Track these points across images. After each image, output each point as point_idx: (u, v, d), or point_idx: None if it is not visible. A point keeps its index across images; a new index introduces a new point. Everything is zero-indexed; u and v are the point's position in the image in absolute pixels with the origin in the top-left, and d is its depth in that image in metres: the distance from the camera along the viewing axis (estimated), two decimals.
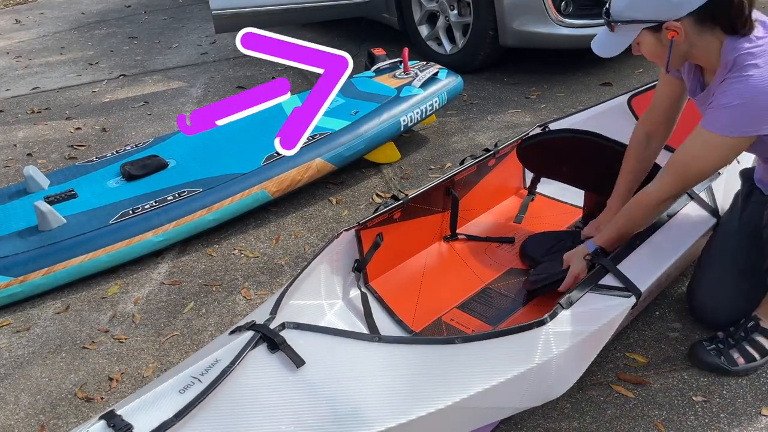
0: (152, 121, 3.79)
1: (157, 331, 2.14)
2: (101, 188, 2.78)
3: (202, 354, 1.39)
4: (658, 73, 3.15)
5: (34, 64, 5.05)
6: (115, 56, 5.05)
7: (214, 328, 2.13)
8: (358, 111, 2.90)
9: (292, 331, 1.34)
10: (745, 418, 1.59)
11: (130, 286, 2.38)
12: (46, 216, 2.46)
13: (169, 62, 4.79)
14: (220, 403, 1.22)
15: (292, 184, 2.65)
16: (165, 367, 1.98)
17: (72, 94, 4.36)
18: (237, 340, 1.31)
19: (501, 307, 1.91)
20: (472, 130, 3.27)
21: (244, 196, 2.56)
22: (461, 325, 1.86)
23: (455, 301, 1.95)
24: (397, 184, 2.86)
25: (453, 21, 3.74)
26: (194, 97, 4.08)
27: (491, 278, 2.04)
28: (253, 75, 4.35)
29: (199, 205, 2.51)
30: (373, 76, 3.25)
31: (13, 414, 1.87)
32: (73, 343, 2.13)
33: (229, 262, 2.46)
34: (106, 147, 3.50)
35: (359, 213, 2.67)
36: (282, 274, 2.36)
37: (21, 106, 4.23)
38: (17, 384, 1.98)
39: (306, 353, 1.31)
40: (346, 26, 4.95)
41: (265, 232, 2.63)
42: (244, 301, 2.23)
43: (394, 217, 1.99)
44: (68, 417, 1.84)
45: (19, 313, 2.29)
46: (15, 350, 2.12)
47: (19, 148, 3.60)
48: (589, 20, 3.39)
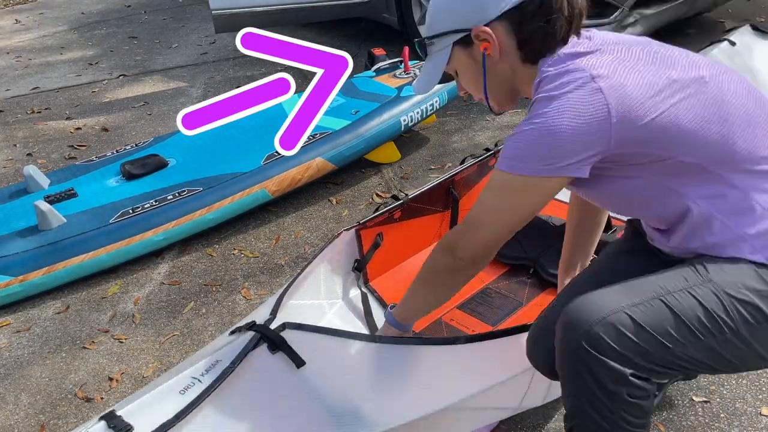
0: (152, 121, 3.79)
1: (157, 331, 2.14)
2: (101, 187, 2.78)
3: (202, 354, 1.39)
4: None
5: (34, 64, 5.05)
6: (115, 56, 5.05)
7: (214, 328, 2.12)
8: (358, 110, 2.90)
9: (293, 332, 1.34)
10: (745, 418, 1.58)
11: (130, 286, 2.38)
12: (46, 215, 2.46)
13: (169, 62, 4.79)
14: (220, 403, 1.22)
15: (292, 183, 2.64)
16: (165, 367, 1.98)
17: (72, 94, 4.36)
18: (237, 341, 1.31)
19: (501, 307, 1.91)
20: (472, 130, 3.27)
21: (244, 195, 2.56)
22: (461, 325, 1.86)
23: (455, 301, 1.95)
24: (397, 184, 2.86)
25: None
26: (194, 97, 4.08)
27: (491, 278, 2.04)
28: (253, 75, 4.35)
29: (199, 204, 2.51)
30: (374, 76, 3.25)
31: (13, 414, 1.87)
32: (73, 343, 2.12)
33: (229, 262, 2.46)
34: (106, 147, 3.50)
35: (359, 213, 2.67)
36: (282, 274, 2.35)
37: (21, 106, 4.23)
38: (17, 384, 1.98)
39: (306, 354, 1.31)
40: (346, 26, 4.95)
41: (265, 232, 2.62)
42: (244, 301, 2.23)
43: (394, 217, 1.99)
44: (68, 417, 1.84)
45: (19, 313, 2.29)
46: (15, 350, 2.12)
47: (19, 148, 3.60)
48: (589, 20, 3.39)
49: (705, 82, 1.06)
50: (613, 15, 3.34)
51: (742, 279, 1.06)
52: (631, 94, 1.01)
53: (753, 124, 1.07)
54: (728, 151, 1.06)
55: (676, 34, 3.94)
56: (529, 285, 2.00)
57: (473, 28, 1.13)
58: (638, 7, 3.43)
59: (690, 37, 3.93)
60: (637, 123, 1.02)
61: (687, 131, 1.04)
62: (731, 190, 1.08)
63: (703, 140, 1.05)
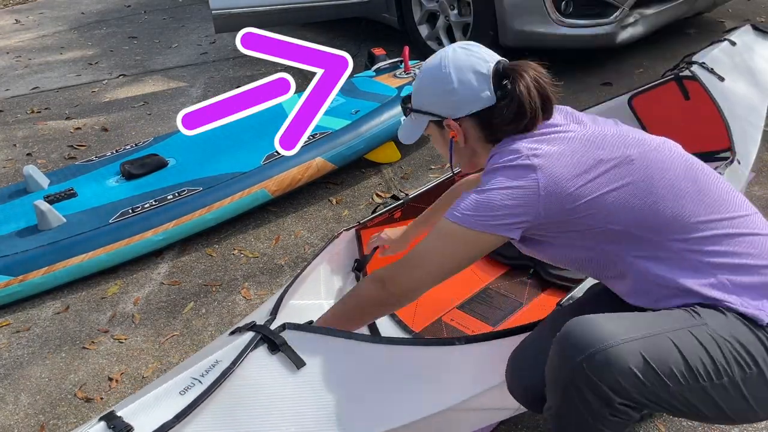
0: (152, 121, 3.79)
1: (157, 332, 2.14)
2: (101, 187, 2.77)
3: (202, 355, 1.39)
4: (659, 73, 3.16)
5: (34, 64, 5.04)
6: (114, 56, 5.05)
7: (214, 328, 2.12)
8: (358, 110, 2.90)
9: (293, 332, 1.34)
10: None
11: (129, 286, 2.38)
12: (45, 215, 2.46)
13: (169, 62, 4.79)
14: (220, 404, 1.22)
15: (292, 183, 2.64)
16: (165, 368, 1.98)
17: (72, 93, 4.36)
18: (237, 341, 1.31)
19: (501, 308, 1.91)
20: None
21: (244, 195, 2.56)
22: (461, 325, 1.86)
23: (455, 301, 1.95)
24: (397, 184, 2.86)
25: (453, 21, 3.74)
26: (194, 97, 4.07)
27: (491, 278, 2.04)
28: (253, 75, 4.34)
29: (198, 204, 2.51)
30: (374, 76, 3.25)
31: (13, 414, 1.87)
32: (73, 343, 2.12)
33: (229, 262, 2.45)
34: (106, 147, 3.50)
35: (359, 213, 2.67)
36: (282, 274, 2.35)
37: (21, 106, 4.23)
38: (17, 384, 1.98)
39: (306, 354, 1.31)
40: (346, 26, 4.94)
41: (265, 232, 2.62)
42: (244, 302, 2.23)
43: (394, 217, 1.99)
44: (68, 417, 1.84)
45: (19, 313, 2.29)
46: (15, 350, 2.12)
47: (18, 147, 3.60)
48: (589, 20, 3.39)
49: (631, 160, 1.19)
50: (613, 15, 3.34)
51: (729, 326, 1.12)
52: (560, 171, 1.17)
53: (681, 196, 1.18)
54: (655, 220, 1.17)
55: (676, 34, 3.94)
56: (529, 285, 2.00)
57: (445, 119, 1.31)
58: (638, 7, 3.42)
59: (690, 37, 3.93)
60: (563, 196, 1.17)
61: (609, 203, 1.17)
62: (664, 252, 1.18)
63: (627, 211, 1.17)
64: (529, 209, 1.18)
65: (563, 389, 1.12)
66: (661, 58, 3.70)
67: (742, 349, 1.10)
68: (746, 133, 2.10)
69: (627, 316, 1.15)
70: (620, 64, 3.75)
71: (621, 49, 3.71)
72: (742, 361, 1.09)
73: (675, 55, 3.64)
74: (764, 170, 2.65)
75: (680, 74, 2.30)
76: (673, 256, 1.18)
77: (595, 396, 1.08)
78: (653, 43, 3.85)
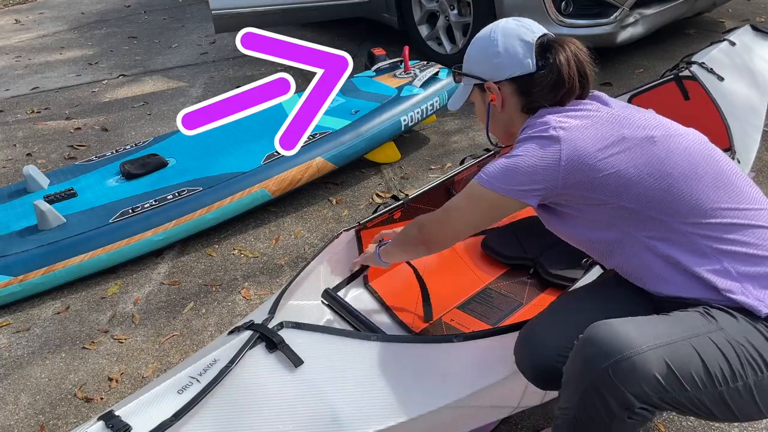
0: (152, 121, 3.79)
1: (157, 331, 2.14)
2: (101, 187, 2.77)
3: (200, 354, 1.39)
4: (658, 73, 3.16)
5: (34, 64, 5.05)
6: (114, 56, 5.05)
7: (214, 328, 2.12)
8: (358, 110, 2.90)
9: (291, 331, 1.34)
10: None
11: (129, 286, 2.38)
12: (45, 215, 2.46)
13: (169, 62, 4.79)
14: (218, 403, 1.22)
15: (292, 183, 2.64)
16: (165, 368, 1.98)
17: (72, 93, 4.36)
18: (235, 340, 1.31)
19: (501, 308, 1.91)
20: (472, 130, 3.27)
21: (244, 195, 2.56)
22: (461, 325, 1.86)
23: (455, 301, 1.95)
24: (397, 184, 2.86)
25: (453, 21, 3.74)
26: (194, 97, 4.08)
27: (491, 278, 2.04)
28: (253, 75, 4.34)
29: (198, 204, 2.51)
30: (374, 76, 3.25)
31: (13, 414, 1.87)
32: (73, 343, 2.12)
33: (228, 262, 2.46)
34: (106, 147, 3.50)
35: (359, 213, 2.67)
36: (282, 274, 2.35)
37: (21, 106, 4.23)
38: (17, 384, 1.98)
39: (304, 353, 1.31)
40: (346, 26, 4.95)
41: (265, 232, 2.62)
42: (244, 301, 2.23)
43: (394, 217, 1.99)
44: (68, 417, 1.84)
45: (19, 313, 2.29)
46: (15, 350, 2.12)
47: (18, 147, 3.60)
48: (589, 20, 3.39)
49: (654, 141, 1.23)
50: (613, 15, 3.34)
51: (743, 330, 1.14)
52: (582, 145, 1.22)
53: (698, 181, 1.21)
54: (670, 202, 1.21)
55: (676, 34, 3.94)
56: (529, 285, 1.99)
57: (486, 81, 1.38)
58: (638, 7, 3.43)
59: (690, 37, 3.93)
60: (583, 168, 1.21)
61: (627, 180, 1.21)
62: (674, 234, 1.21)
63: (643, 189, 1.21)
64: (548, 177, 1.23)
65: (584, 392, 1.14)
66: (661, 58, 3.70)
67: (755, 352, 1.13)
68: (746, 133, 2.11)
69: (647, 320, 1.17)
70: (620, 64, 3.76)
71: (621, 49, 3.71)
72: (755, 364, 1.12)
73: (675, 55, 3.64)
74: (764, 170, 2.65)
75: (680, 74, 2.30)
76: (683, 239, 1.21)
77: (616, 401, 1.10)
78: (653, 43, 3.85)
